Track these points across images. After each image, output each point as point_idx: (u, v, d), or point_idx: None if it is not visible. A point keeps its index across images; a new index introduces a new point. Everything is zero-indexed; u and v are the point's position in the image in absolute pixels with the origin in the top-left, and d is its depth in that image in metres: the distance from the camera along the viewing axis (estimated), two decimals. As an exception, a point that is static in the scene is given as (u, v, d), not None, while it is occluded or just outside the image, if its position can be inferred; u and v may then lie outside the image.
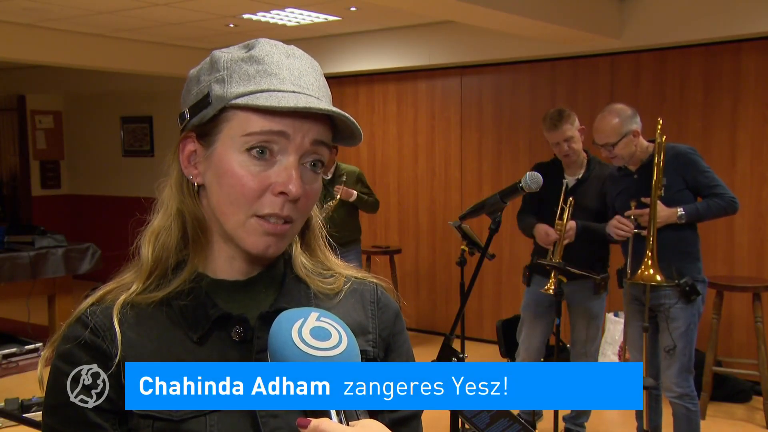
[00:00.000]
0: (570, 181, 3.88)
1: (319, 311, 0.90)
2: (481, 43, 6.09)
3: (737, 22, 4.98)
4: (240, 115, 0.92)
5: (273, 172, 0.92)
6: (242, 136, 0.92)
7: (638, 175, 3.51)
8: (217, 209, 0.96)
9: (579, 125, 3.84)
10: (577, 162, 3.88)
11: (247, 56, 0.94)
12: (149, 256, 0.98)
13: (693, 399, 3.48)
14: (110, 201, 9.35)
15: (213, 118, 0.94)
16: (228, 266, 1.00)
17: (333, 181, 5.10)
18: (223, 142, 0.94)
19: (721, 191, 3.40)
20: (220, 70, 0.94)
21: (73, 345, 0.94)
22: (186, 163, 0.98)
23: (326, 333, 0.86)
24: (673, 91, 5.48)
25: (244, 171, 0.92)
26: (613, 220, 3.50)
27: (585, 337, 3.93)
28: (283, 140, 0.92)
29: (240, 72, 0.93)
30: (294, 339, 0.84)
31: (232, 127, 0.93)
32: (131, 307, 0.96)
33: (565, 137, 3.78)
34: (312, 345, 0.84)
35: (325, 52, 6.77)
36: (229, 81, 0.93)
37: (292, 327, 0.86)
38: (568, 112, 3.82)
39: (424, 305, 6.78)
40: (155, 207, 1.02)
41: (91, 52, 6.61)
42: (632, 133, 3.43)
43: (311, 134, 0.93)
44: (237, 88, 0.92)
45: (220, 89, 0.93)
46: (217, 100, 0.93)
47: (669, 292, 3.42)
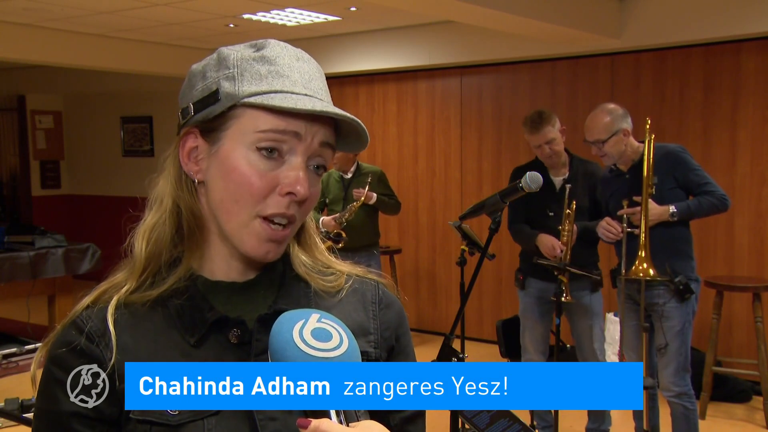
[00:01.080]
0: (557, 182, 3.87)
1: (320, 312, 0.90)
2: (481, 43, 6.09)
3: (737, 22, 4.98)
4: (251, 113, 0.91)
5: (281, 172, 0.92)
6: (254, 133, 0.91)
7: (630, 175, 3.52)
8: (220, 207, 0.95)
9: (560, 126, 3.81)
10: (560, 162, 3.86)
11: (259, 56, 0.94)
12: (142, 252, 0.97)
13: (691, 398, 3.49)
14: (110, 201, 9.35)
15: (221, 115, 0.93)
16: (225, 267, 0.99)
17: (353, 180, 5.03)
18: (231, 138, 0.93)
19: (712, 189, 3.41)
20: (230, 68, 0.93)
21: (67, 350, 0.93)
22: (186, 159, 0.97)
23: (327, 334, 0.86)
24: (673, 91, 5.49)
25: (252, 169, 0.91)
26: (603, 222, 3.51)
27: (588, 335, 3.92)
28: (294, 140, 0.92)
29: (252, 71, 0.93)
30: (295, 340, 0.84)
31: (243, 125, 0.92)
32: (126, 307, 0.95)
33: (546, 139, 3.75)
34: (313, 346, 0.84)
35: (325, 52, 6.77)
36: (240, 79, 0.92)
37: (294, 328, 0.86)
38: (548, 114, 3.78)
39: (424, 305, 6.78)
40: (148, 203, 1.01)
41: (91, 52, 6.61)
42: (622, 132, 3.45)
43: (320, 136, 0.93)
44: (249, 86, 0.92)
45: (230, 86, 0.92)
46: (228, 97, 0.92)
47: (663, 291, 3.43)
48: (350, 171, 5.08)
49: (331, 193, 5.12)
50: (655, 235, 3.37)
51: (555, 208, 3.81)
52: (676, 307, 3.41)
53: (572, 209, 3.71)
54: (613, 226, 3.45)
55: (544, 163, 3.87)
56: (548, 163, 3.86)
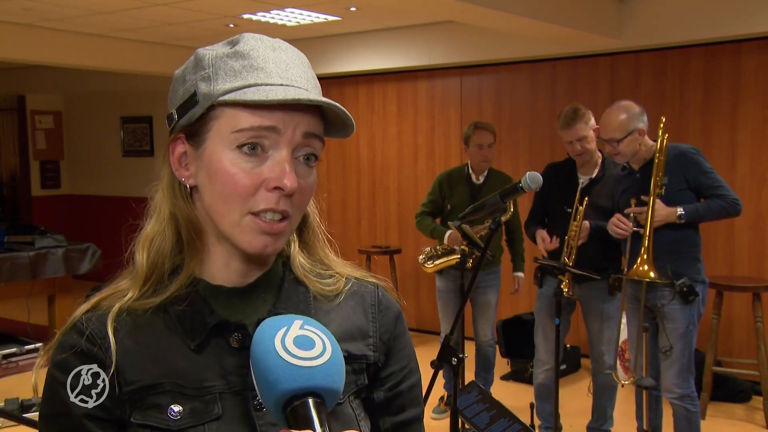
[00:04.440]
0: (583, 180, 3.87)
1: (303, 318, 0.87)
2: (481, 43, 6.09)
3: (737, 22, 4.98)
4: (228, 112, 0.90)
5: (266, 168, 0.90)
6: (232, 133, 0.90)
7: (641, 173, 3.49)
8: (211, 209, 0.94)
9: (594, 125, 3.79)
10: (591, 162, 3.86)
11: (232, 52, 0.92)
12: (144, 263, 0.96)
13: (693, 400, 3.48)
14: (110, 201, 9.35)
15: (201, 117, 0.92)
16: (225, 269, 0.98)
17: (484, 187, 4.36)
18: (212, 140, 0.92)
19: (724, 192, 3.36)
20: (206, 68, 0.92)
21: (69, 354, 0.92)
22: (177, 166, 0.96)
23: (310, 342, 0.84)
24: (673, 91, 5.49)
25: (236, 168, 0.90)
26: (613, 218, 3.49)
27: (598, 338, 3.91)
28: (273, 135, 0.90)
29: (225, 68, 0.91)
30: (276, 348, 0.82)
31: (222, 125, 0.91)
32: (128, 313, 0.95)
33: (578, 136, 3.76)
34: (294, 354, 0.82)
35: (325, 52, 6.77)
36: (215, 78, 0.91)
37: (275, 335, 0.83)
38: (583, 111, 3.79)
39: (424, 305, 6.78)
40: (147, 212, 1.00)
41: (91, 52, 6.61)
42: (638, 131, 3.40)
43: (302, 127, 0.91)
44: (224, 84, 0.90)
45: (206, 87, 0.91)
46: (205, 98, 0.91)
47: (666, 292, 3.41)
48: (481, 176, 4.41)
49: (455, 198, 4.44)
50: (662, 236, 3.35)
51: (573, 206, 3.80)
52: (680, 309, 3.39)
53: (582, 207, 3.71)
54: (623, 222, 3.43)
55: (576, 161, 3.88)
56: (578, 161, 3.88)
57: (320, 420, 0.80)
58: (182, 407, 0.91)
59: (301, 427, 0.79)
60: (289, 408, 0.81)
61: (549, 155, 5.63)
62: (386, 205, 6.95)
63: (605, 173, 3.84)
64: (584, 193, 3.81)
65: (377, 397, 1.03)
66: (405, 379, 1.06)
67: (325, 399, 0.82)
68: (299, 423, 0.80)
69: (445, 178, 4.53)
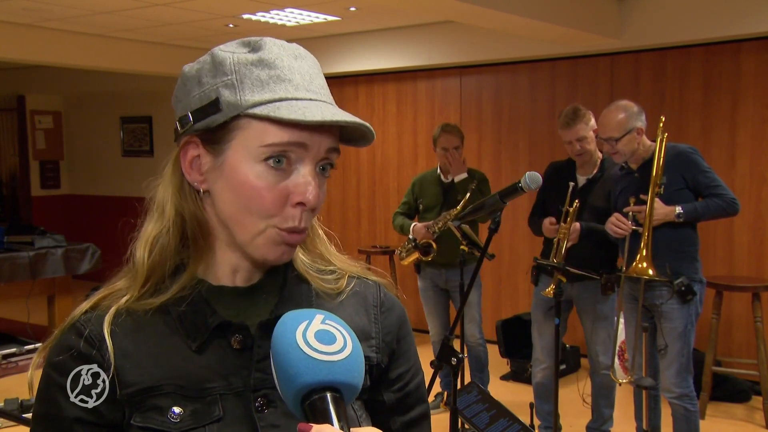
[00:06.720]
0: (581, 180, 3.88)
1: (324, 313, 0.87)
2: (481, 43, 6.09)
3: (737, 22, 4.98)
4: (256, 124, 0.88)
5: (291, 182, 0.90)
6: (260, 147, 0.88)
7: (639, 173, 3.50)
8: (231, 219, 0.93)
9: (594, 125, 3.80)
10: (590, 162, 3.88)
11: (257, 59, 0.90)
12: (145, 262, 0.95)
13: (692, 399, 3.48)
14: (110, 201, 9.35)
15: (223, 125, 0.90)
16: (230, 273, 0.98)
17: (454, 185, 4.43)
18: (236, 150, 0.90)
19: (722, 192, 3.37)
20: (228, 74, 0.90)
21: (67, 356, 0.92)
22: (189, 169, 0.94)
23: (331, 336, 0.84)
24: (673, 91, 5.49)
25: (262, 183, 0.89)
26: (612, 218, 3.50)
27: (592, 338, 3.92)
28: (300, 150, 0.89)
29: (252, 77, 0.89)
30: (298, 341, 0.82)
31: (248, 137, 0.89)
32: (128, 314, 0.94)
33: (577, 137, 3.78)
34: (316, 348, 0.82)
35: (325, 52, 6.77)
36: (241, 87, 0.89)
37: (297, 329, 0.83)
38: (583, 112, 3.80)
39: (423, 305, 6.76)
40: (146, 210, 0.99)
41: (91, 52, 6.61)
42: (636, 131, 3.42)
43: (327, 143, 0.91)
44: (252, 95, 0.88)
45: (231, 96, 0.89)
46: (230, 107, 0.89)
47: (663, 291, 3.42)
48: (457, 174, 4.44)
49: (426, 198, 4.55)
50: (661, 235, 3.36)
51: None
52: (678, 308, 3.40)
53: (573, 209, 3.71)
54: (622, 221, 3.44)
55: (575, 161, 3.89)
56: (578, 161, 3.89)
57: (338, 415, 0.80)
58: (183, 409, 0.90)
59: (318, 420, 0.80)
60: (307, 402, 0.81)
61: (549, 155, 5.63)
62: (386, 205, 6.94)
63: (603, 174, 3.85)
64: (582, 193, 3.82)
65: (388, 399, 1.03)
66: (413, 379, 1.06)
67: (343, 394, 0.82)
68: (317, 417, 0.80)
69: (418, 181, 4.70)
